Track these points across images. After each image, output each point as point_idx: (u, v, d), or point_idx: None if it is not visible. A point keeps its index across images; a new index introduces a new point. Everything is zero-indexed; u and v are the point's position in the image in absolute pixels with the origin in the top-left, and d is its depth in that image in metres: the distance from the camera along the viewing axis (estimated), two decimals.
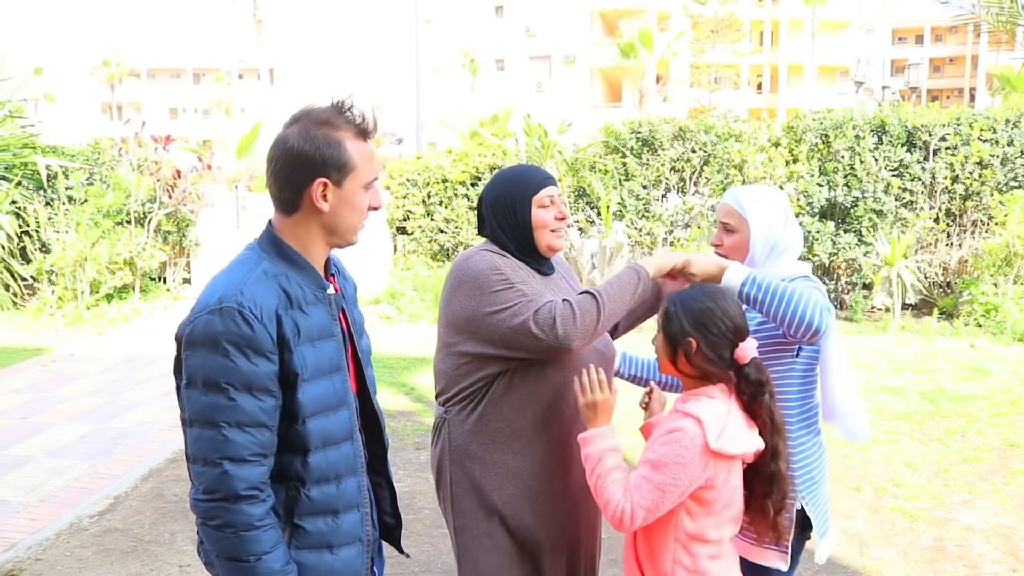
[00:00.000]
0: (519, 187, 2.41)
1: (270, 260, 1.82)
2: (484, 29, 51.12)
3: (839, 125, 9.49)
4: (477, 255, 2.34)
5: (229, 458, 1.70)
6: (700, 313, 2.11)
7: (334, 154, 1.79)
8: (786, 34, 53.40)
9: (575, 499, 2.45)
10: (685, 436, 2.01)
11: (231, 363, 1.69)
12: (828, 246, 9.40)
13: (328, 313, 1.88)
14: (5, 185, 10.38)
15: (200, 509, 1.74)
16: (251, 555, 1.73)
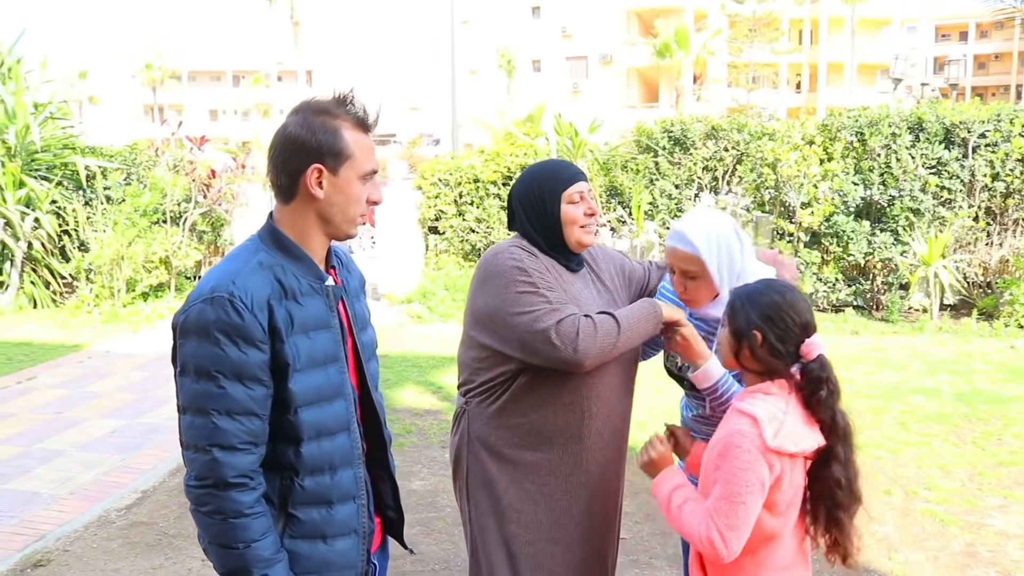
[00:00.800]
0: (549, 182, 2.41)
1: (267, 251, 1.85)
2: (520, 30, 51.19)
3: (875, 122, 9.33)
4: (507, 251, 2.35)
5: (219, 445, 1.73)
6: (767, 306, 2.07)
7: (330, 140, 1.81)
8: (825, 32, 52.76)
9: (591, 496, 2.44)
10: (743, 439, 1.97)
11: (221, 352, 1.72)
12: (864, 245, 9.25)
13: (325, 304, 1.89)
14: (46, 185, 10.58)
15: (192, 495, 1.77)
16: (240, 542, 1.75)
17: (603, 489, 2.48)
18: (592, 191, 2.48)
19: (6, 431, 6.05)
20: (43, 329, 9.46)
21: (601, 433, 2.41)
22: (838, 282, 9.49)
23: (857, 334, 8.65)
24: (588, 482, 2.43)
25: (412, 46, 59.07)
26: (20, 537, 4.39)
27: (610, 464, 2.49)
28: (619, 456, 2.54)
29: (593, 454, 2.41)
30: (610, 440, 2.46)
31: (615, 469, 2.53)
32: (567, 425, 2.36)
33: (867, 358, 7.67)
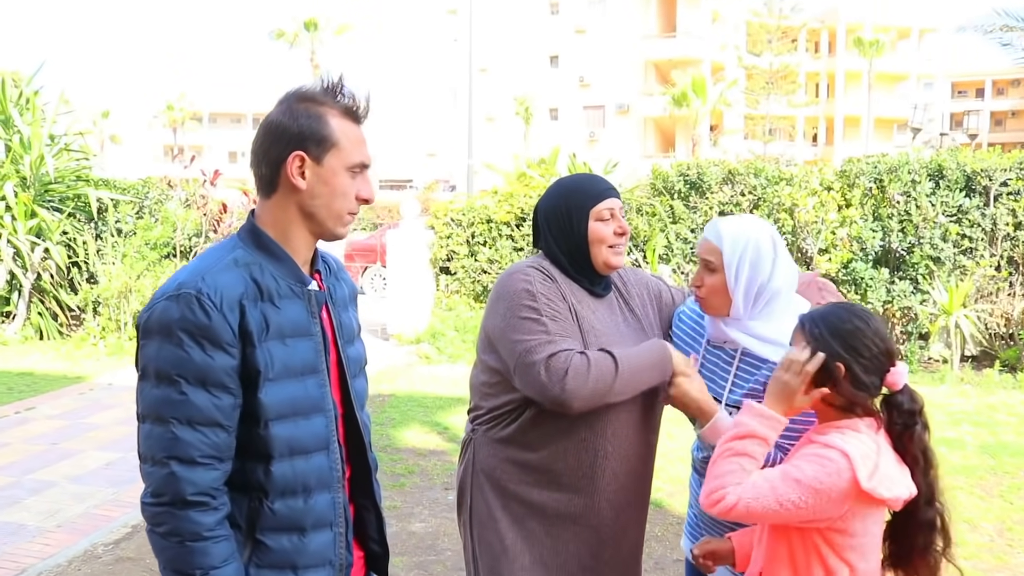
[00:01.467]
0: (577, 197, 2.23)
1: (245, 249, 1.69)
2: (538, 78, 51.64)
3: (894, 169, 9.20)
4: (521, 272, 2.18)
5: (177, 458, 1.56)
6: (850, 334, 1.85)
7: (313, 126, 1.67)
8: (842, 86, 53.03)
9: (602, 542, 2.24)
10: (833, 465, 1.76)
11: (185, 354, 1.56)
12: (882, 293, 9.05)
13: (306, 310, 1.72)
14: (58, 216, 10.55)
15: (147, 514, 1.60)
16: (196, 568, 1.57)
17: (617, 536, 2.27)
18: (623, 208, 2.29)
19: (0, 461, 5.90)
20: (47, 360, 9.35)
21: (617, 475, 2.21)
22: None
23: None
24: (600, 526, 2.22)
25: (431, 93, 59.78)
26: (1, 571, 4.21)
27: (626, 509, 2.27)
28: (638, 502, 2.33)
29: (607, 497, 2.21)
30: (627, 483, 2.25)
31: (633, 515, 2.32)
32: (579, 465, 2.17)
33: None
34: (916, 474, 1.84)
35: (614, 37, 49.88)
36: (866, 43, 48.14)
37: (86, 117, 45.45)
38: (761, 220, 2.28)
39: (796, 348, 1.90)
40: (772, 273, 2.17)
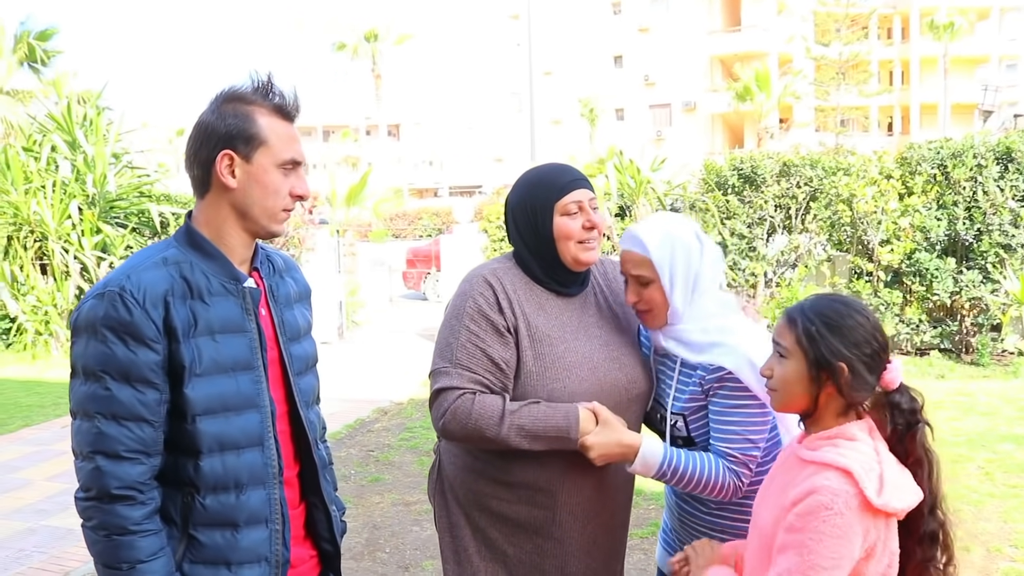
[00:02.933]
0: (540, 191, 2.09)
1: (178, 248, 1.71)
2: (603, 79, 51.43)
3: (958, 154, 8.82)
4: (480, 280, 2.08)
5: (103, 453, 1.57)
6: (851, 330, 1.70)
7: (240, 125, 1.68)
8: (917, 73, 51.35)
9: (568, 553, 2.11)
10: (836, 498, 1.58)
11: (108, 350, 1.58)
12: (949, 284, 8.69)
13: (239, 307, 1.72)
14: (121, 231, 10.88)
15: (79, 508, 1.62)
16: (124, 562, 1.58)
17: (586, 548, 2.14)
18: (595, 200, 2.13)
19: (57, 468, 6.08)
20: None
21: (581, 487, 2.09)
22: (922, 323, 8.94)
23: (943, 378, 8.08)
24: (564, 538, 2.10)
25: (496, 99, 60.02)
26: (45, 573, 4.34)
27: (593, 520, 2.15)
28: (608, 512, 2.19)
29: (570, 509, 2.10)
30: (593, 494, 2.13)
31: (602, 526, 2.18)
32: (536, 478, 2.06)
33: (951, 403, 7.13)
34: (919, 478, 1.69)
35: (678, 34, 49.36)
36: (940, 27, 46.53)
37: (163, 136, 46.96)
38: (672, 214, 2.17)
39: (774, 360, 1.76)
40: (702, 262, 2.08)
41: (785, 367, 1.74)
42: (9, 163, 10.82)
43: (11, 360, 10.42)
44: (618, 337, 2.17)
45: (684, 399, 2.11)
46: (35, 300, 10.55)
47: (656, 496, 5.05)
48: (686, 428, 2.11)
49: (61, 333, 10.60)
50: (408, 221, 35.57)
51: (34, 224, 10.71)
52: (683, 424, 2.12)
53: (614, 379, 2.10)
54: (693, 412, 2.09)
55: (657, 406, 2.19)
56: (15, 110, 17.15)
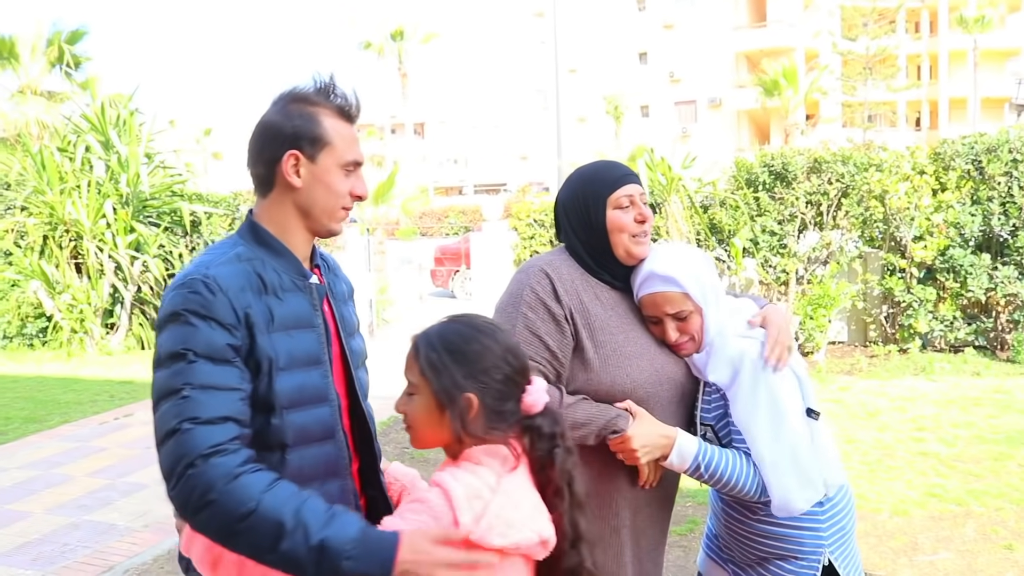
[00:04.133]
0: (593, 185, 2.15)
1: (246, 245, 1.73)
2: (628, 76, 51.27)
3: (993, 149, 8.72)
4: (537, 270, 2.11)
5: (191, 419, 1.48)
6: (478, 356, 1.58)
7: (307, 126, 1.71)
8: (946, 66, 50.73)
9: (623, 542, 2.15)
10: (430, 510, 1.48)
11: (191, 327, 1.55)
12: (984, 281, 8.60)
13: (309, 302, 1.75)
14: (154, 230, 11.01)
15: (177, 502, 1.48)
16: (243, 508, 1.44)
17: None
18: (645, 195, 2.19)
19: (97, 464, 6.18)
20: (147, 368, 9.71)
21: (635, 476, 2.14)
22: (956, 320, 8.84)
23: (978, 375, 8.00)
24: (620, 528, 2.13)
25: (521, 95, 59.99)
26: (90, 568, 4.40)
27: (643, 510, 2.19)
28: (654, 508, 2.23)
29: (625, 494, 2.14)
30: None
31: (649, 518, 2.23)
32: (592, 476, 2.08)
33: (989, 400, 7.06)
34: (559, 510, 1.58)
35: (703, 30, 49.09)
36: (970, 20, 45.94)
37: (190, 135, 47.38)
38: (669, 243, 2.26)
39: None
40: (713, 272, 2.16)
41: (414, 404, 1.62)
42: (45, 164, 10.98)
43: (48, 358, 10.58)
44: None
45: (711, 408, 2.15)
46: (70, 298, 10.70)
47: (693, 493, 5.05)
48: (716, 438, 2.13)
49: (96, 331, 10.75)
50: (435, 219, 35.69)
51: (69, 223, 10.86)
52: (713, 435, 2.14)
53: (671, 372, 2.14)
54: (720, 420, 2.13)
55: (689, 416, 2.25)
56: (50, 111, 17.40)
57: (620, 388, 2.05)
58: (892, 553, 4.25)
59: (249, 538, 1.45)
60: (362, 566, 1.42)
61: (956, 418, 6.57)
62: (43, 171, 10.98)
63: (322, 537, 1.43)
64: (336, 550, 1.43)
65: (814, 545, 2.11)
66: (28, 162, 11.37)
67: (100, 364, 10.13)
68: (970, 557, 4.18)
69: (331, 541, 1.43)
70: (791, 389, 2.08)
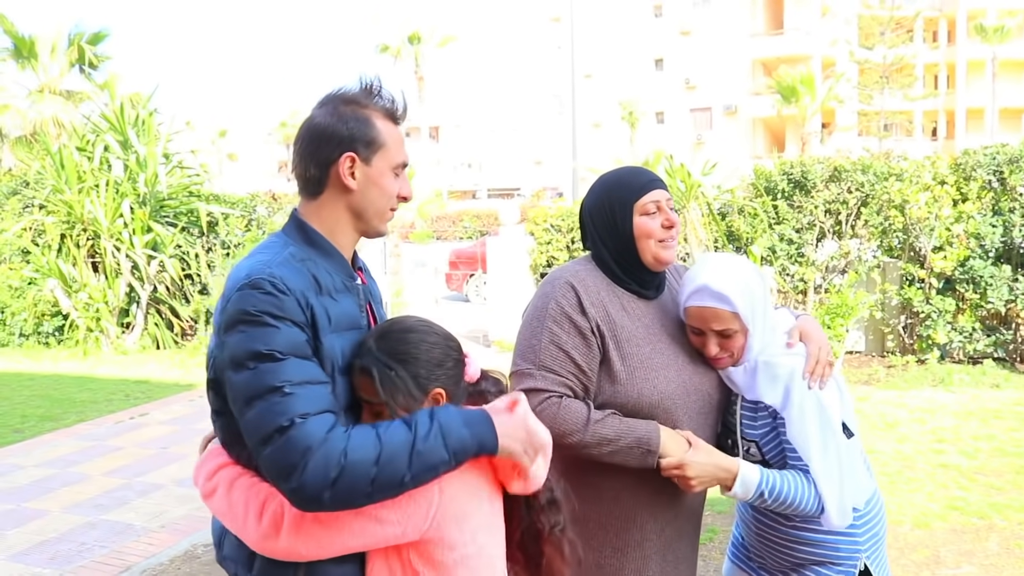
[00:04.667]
0: (620, 192, 2.13)
1: (296, 245, 1.71)
2: (644, 82, 51.24)
3: (1015, 159, 8.65)
4: (563, 282, 2.09)
5: (300, 415, 1.48)
6: (430, 349, 1.70)
7: (362, 129, 1.71)
8: (964, 76, 50.46)
9: (648, 556, 2.13)
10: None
11: (273, 328, 1.53)
12: (1004, 292, 8.52)
13: (357, 304, 1.75)
14: (171, 230, 11.04)
15: (309, 490, 1.46)
16: (373, 450, 1.48)
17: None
18: (671, 200, 2.17)
19: (113, 464, 6.18)
20: (162, 368, 9.77)
21: (662, 490, 2.12)
22: (975, 332, 8.77)
23: (998, 388, 7.92)
24: (643, 541, 2.13)
25: (536, 101, 60.01)
26: (107, 567, 4.40)
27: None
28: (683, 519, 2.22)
29: (652, 510, 2.13)
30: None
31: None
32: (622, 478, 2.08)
33: (1010, 413, 6.99)
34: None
35: (720, 37, 49.03)
36: (989, 30, 45.71)
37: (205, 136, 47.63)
38: (735, 255, 2.20)
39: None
40: (766, 293, 2.10)
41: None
42: (63, 163, 11.03)
43: (64, 356, 10.61)
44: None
45: (757, 425, 2.12)
46: (87, 297, 10.74)
47: (712, 502, 5.00)
48: (760, 453, 2.12)
49: (112, 330, 10.78)
50: (450, 223, 35.70)
51: (87, 222, 10.91)
52: (757, 450, 2.12)
53: (699, 383, 2.11)
54: (765, 436, 2.11)
55: (726, 431, 2.20)
56: (69, 111, 17.52)
57: (647, 400, 2.02)
58: (915, 567, 4.20)
59: (390, 471, 1.50)
60: (479, 432, 1.59)
61: (976, 430, 6.51)
62: (62, 170, 11.03)
63: (439, 423, 1.55)
64: (452, 428, 1.56)
65: (850, 551, 2.11)
66: (47, 161, 11.44)
67: (115, 363, 10.16)
68: (994, 571, 4.13)
69: (445, 424, 1.56)
70: (835, 403, 2.06)
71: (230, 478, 1.64)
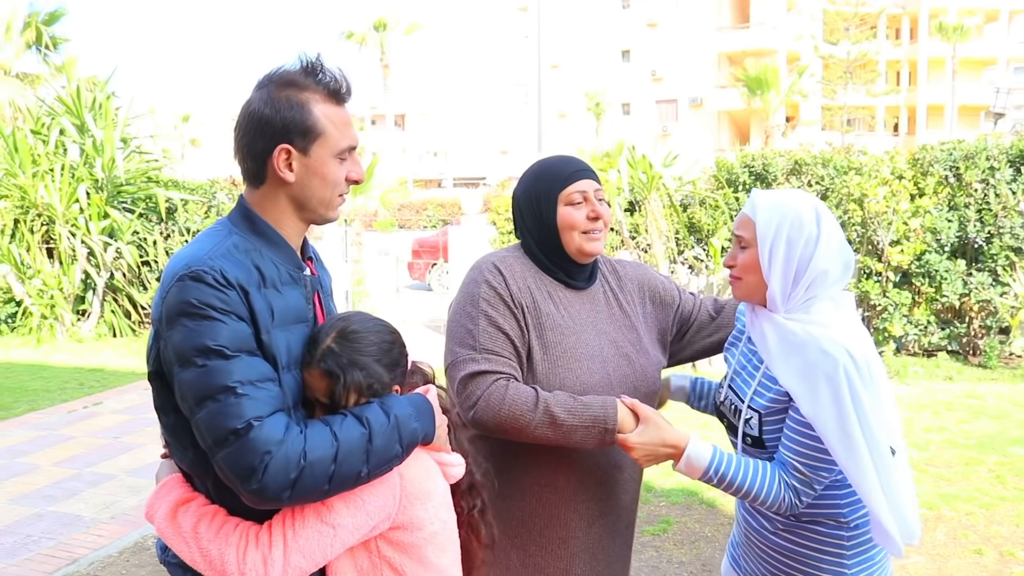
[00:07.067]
0: (545, 181, 2.08)
1: (241, 235, 1.63)
2: (610, 73, 51.36)
3: (971, 156, 8.78)
4: (490, 265, 2.05)
5: (255, 417, 1.44)
6: (389, 350, 1.68)
7: (297, 117, 1.61)
8: (925, 73, 51.23)
9: (574, 554, 2.10)
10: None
11: (218, 323, 1.47)
12: (959, 286, 8.66)
13: (304, 296, 1.68)
14: (129, 216, 10.85)
15: (270, 492, 1.43)
16: (330, 448, 1.47)
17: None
18: (601, 191, 2.13)
19: (64, 454, 6.07)
20: (118, 356, 9.61)
21: (587, 486, 2.11)
22: (930, 325, 8.90)
23: (951, 380, 8.06)
24: (569, 538, 2.09)
25: (503, 90, 59.88)
26: (54, 560, 4.31)
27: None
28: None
29: (577, 507, 2.10)
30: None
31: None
32: (542, 465, 2.05)
33: (961, 405, 7.10)
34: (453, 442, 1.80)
35: (687, 30, 49.25)
36: (949, 28, 46.39)
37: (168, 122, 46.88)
38: (807, 194, 1.99)
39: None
40: (815, 250, 1.86)
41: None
42: (17, 146, 10.77)
43: (16, 344, 10.40)
44: (627, 335, 2.14)
45: (767, 398, 1.94)
46: (41, 284, 10.53)
47: (667, 493, 5.04)
48: (759, 427, 1.95)
49: (67, 317, 10.58)
50: (414, 211, 35.56)
51: (41, 207, 10.68)
52: (757, 422, 1.96)
53: (624, 374, 2.07)
54: (772, 413, 1.93)
55: (734, 397, 2.06)
56: (24, 93, 17.13)
57: (569, 391, 1.97)
58: None
59: (346, 467, 1.49)
60: (426, 424, 1.64)
61: (928, 422, 6.61)
62: (15, 153, 10.78)
63: (396, 418, 1.57)
64: (406, 424, 1.59)
65: (834, 570, 1.94)
66: (0, 144, 11.17)
67: (70, 351, 9.98)
68: (940, 561, 4.19)
69: (402, 419, 1.59)
70: (877, 403, 1.87)
71: (192, 524, 1.56)
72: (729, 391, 2.08)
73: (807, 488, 1.87)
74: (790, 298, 1.90)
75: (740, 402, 2.01)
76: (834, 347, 1.80)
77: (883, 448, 1.80)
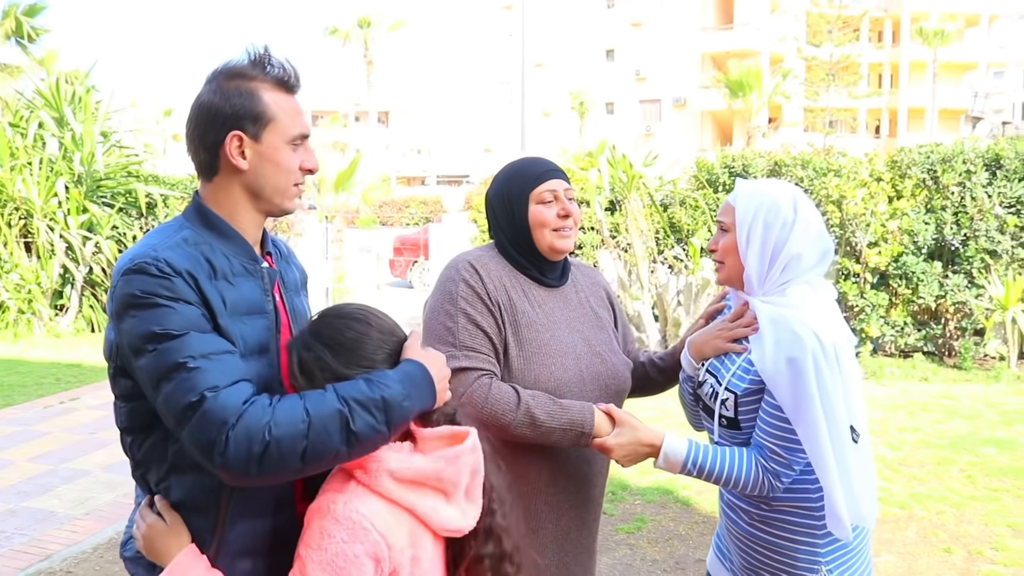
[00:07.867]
0: (517, 180, 2.15)
1: (192, 228, 1.63)
2: (594, 72, 51.40)
3: (948, 159, 8.87)
4: (465, 264, 2.09)
5: (209, 388, 1.43)
6: (383, 345, 1.63)
7: (247, 104, 1.61)
8: (906, 76, 51.59)
9: (543, 544, 2.14)
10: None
11: (166, 309, 1.47)
12: (935, 288, 8.75)
13: (260, 288, 1.67)
14: (108, 211, 10.79)
15: (236, 467, 1.40)
16: (300, 423, 1.43)
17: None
18: (571, 190, 2.18)
19: (38, 449, 6.04)
20: (96, 352, 9.55)
21: (558, 479, 2.14)
22: (907, 326, 8.99)
23: (926, 381, 8.14)
24: (538, 529, 2.12)
25: (487, 88, 59.93)
26: (26, 556, 4.30)
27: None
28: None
29: (548, 499, 2.13)
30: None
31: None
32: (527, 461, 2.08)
33: (936, 406, 7.18)
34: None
35: (671, 30, 49.38)
36: (930, 32, 46.76)
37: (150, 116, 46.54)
38: (789, 184, 2.07)
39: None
40: (791, 234, 1.93)
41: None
42: None
43: None
44: (599, 334, 2.21)
45: (746, 380, 1.97)
46: (18, 278, 10.45)
47: (641, 491, 5.07)
48: (735, 408, 1.98)
49: (45, 312, 10.51)
50: (396, 209, 35.49)
51: (19, 201, 10.60)
52: (733, 403, 1.99)
53: (596, 371, 2.13)
54: (748, 395, 1.96)
55: (712, 380, 2.09)
56: (2, 85, 16.97)
57: (543, 387, 2.03)
58: None
59: (320, 443, 1.43)
60: (417, 402, 1.55)
61: (903, 422, 6.68)
62: None
63: (381, 396, 1.49)
64: (394, 401, 1.50)
65: (809, 561, 1.97)
66: None
67: (48, 346, 9.91)
68: (911, 559, 4.24)
69: (389, 396, 1.50)
70: (840, 388, 1.93)
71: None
72: (708, 374, 2.12)
73: (786, 469, 1.91)
74: (766, 280, 1.98)
75: (718, 385, 2.06)
76: (803, 329, 1.86)
77: (843, 431, 1.85)
